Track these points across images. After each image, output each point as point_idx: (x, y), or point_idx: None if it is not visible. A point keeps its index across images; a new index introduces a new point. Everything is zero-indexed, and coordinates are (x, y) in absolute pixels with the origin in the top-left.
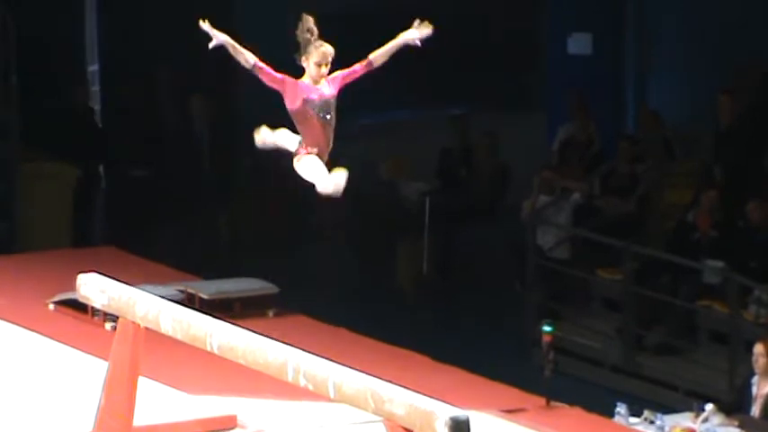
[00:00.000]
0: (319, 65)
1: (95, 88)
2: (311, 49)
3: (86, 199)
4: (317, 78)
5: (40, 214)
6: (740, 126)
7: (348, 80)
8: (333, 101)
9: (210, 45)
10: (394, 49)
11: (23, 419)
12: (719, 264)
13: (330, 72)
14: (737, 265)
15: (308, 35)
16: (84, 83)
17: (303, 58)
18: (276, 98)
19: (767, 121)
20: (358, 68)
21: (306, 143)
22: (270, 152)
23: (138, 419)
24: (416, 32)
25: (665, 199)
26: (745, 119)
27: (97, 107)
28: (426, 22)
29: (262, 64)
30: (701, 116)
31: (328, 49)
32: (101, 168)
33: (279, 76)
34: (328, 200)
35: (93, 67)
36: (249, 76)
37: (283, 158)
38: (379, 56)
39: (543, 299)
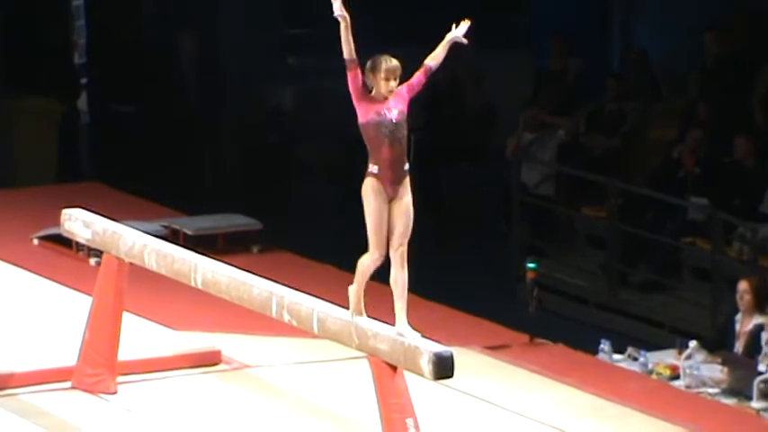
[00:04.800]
0: (387, 80)
1: (80, 22)
2: (379, 64)
3: (71, 135)
4: (387, 94)
5: (25, 150)
6: (725, 64)
7: (414, 92)
8: (403, 118)
9: (335, 11)
10: (445, 50)
11: (8, 353)
12: (704, 201)
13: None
14: (722, 202)
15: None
16: (66, 18)
17: (371, 75)
18: (261, 39)
19: (752, 58)
20: (420, 78)
21: (373, 160)
22: (252, 90)
23: (123, 354)
24: (460, 30)
25: (650, 136)
26: (729, 57)
27: (82, 41)
28: (465, 21)
29: (357, 66)
30: (687, 55)
31: (394, 64)
32: (84, 104)
33: (360, 84)
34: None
35: (78, 2)
36: (234, 13)
37: (266, 98)
38: (435, 59)
39: (527, 236)
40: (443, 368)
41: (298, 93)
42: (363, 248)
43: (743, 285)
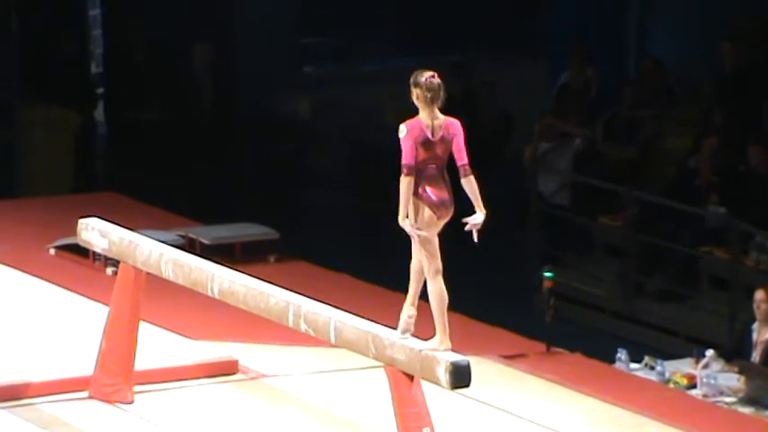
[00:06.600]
0: (425, 95)
1: (97, 32)
2: (413, 80)
3: (88, 144)
4: (428, 113)
5: (42, 160)
6: (742, 72)
7: (454, 150)
8: (445, 155)
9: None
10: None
11: (26, 363)
12: (721, 209)
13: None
14: (739, 210)
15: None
16: (84, 28)
17: (414, 96)
18: (277, 48)
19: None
20: (459, 158)
21: (426, 191)
22: (268, 99)
23: (140, 364)
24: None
25: (666, 145)
26: (747, 65)
27: (99, 51)
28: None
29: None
30: (703, 62)
31: (420, 77)
32: (101, 114)
33: (411, 144)
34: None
35: (95, 12)
36: (249, 23)
37: (282, 106)
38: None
39: (544, 245)
40: (461, 377)
41: (313, 102)
42: (378, 256)
43: (760, 294)
